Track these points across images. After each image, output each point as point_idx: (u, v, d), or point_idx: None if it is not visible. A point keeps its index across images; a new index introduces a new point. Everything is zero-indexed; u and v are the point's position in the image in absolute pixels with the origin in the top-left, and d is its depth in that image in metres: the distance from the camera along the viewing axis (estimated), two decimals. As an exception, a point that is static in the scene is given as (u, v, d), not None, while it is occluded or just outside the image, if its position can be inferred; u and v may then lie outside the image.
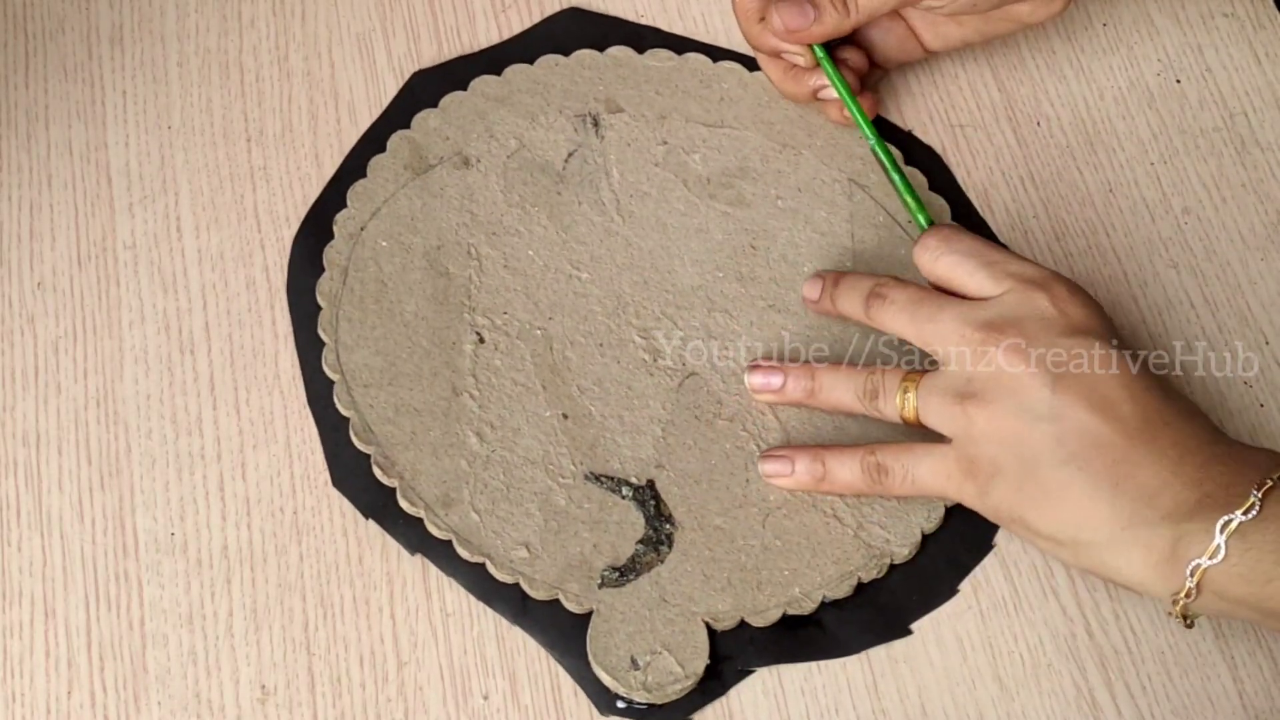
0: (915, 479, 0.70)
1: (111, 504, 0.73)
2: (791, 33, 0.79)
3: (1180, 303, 0.79)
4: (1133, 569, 0.66)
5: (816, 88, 0.81)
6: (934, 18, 0.81)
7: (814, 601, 0.71)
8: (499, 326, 0.77)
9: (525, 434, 0.74)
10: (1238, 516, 0.64)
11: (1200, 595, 0.65)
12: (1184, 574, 0.65)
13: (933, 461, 0.70)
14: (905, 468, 0.70)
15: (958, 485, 0.69)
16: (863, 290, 0.73)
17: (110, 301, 0.78)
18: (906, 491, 0.71)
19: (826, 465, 0.72)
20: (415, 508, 0.72)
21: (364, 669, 0.70)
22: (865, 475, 0.71)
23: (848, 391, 0.73)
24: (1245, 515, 0.64)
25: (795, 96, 0.82)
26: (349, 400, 0.75)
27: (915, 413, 0.70)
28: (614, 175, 0.81)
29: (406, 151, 0.81)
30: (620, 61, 0.85)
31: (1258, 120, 0.84)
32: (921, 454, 0.70)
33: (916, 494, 0.71)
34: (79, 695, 0.69)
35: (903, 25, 0.82)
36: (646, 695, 0.69)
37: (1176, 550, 0.65)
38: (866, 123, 0.80)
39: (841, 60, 0.80)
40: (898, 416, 0.71)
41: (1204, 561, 0.64)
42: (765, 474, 0.73)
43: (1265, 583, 0.64)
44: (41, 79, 0.84)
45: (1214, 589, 0.65)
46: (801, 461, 0.72)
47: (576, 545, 0.72)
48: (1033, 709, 0.70)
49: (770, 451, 0.73)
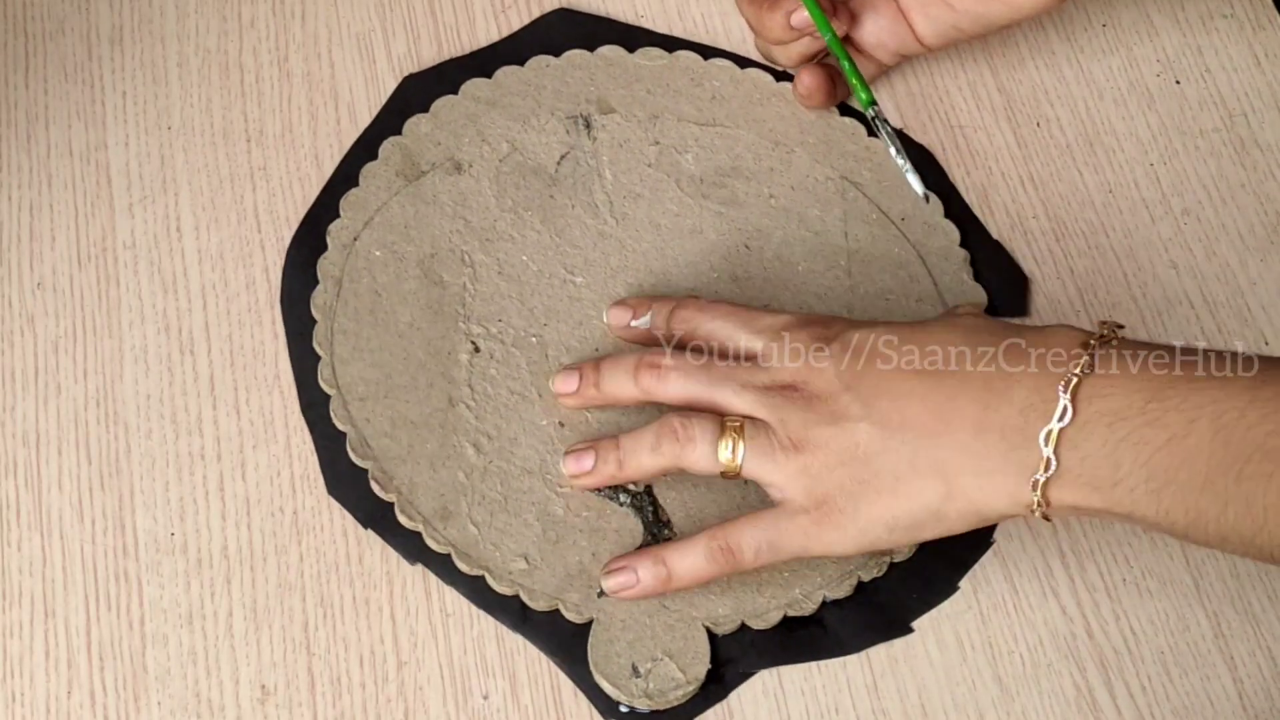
0: (771, 546, 0.67)
1: (111, 504, 0.73)
2: None
3: (1180, 303, 0.79)
4: (999, 501, 0.65)
5: (789, 10, 0.80)
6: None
7: (814, 602, 0.71)
8: (494, 335, 0.77)
9: (522, 443, 0.74)
10: (1055, 425, 0.63)
11: (1052, 507, 0.64)
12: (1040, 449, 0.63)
13: (784, 523, 0.67)
14: (756, 540, 0.67)
15: (818, 535, 0.67)
16: (627, 366, 0.72)
17: (110, 302, 0.78)
18: (763, 563, 0.68)
19: (669, 565, 0.69)
20: (414, 522, 0.72)
21: (364, 669, 0.70)
22: (712, 561, 0.68)
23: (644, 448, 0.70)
24: (1061, 422, 0.63)
25: (770, 30, 0.81)
26: (345, 415, 0.74)
27: (739, 466, 0.68)
28: (607, 177, 0.81)
29: (398, 158, 0.81)
30: (611, 61, 0.85)
31: (1257, 121, 0.84)
32: (770, 519, 0.68)
33: (774, 561, 0.68)
34: (79, 695, 0.69)
35: (893, 6, 0.81)
36: (648, 702, 0.69)
37: (1022, 469, 0.64)
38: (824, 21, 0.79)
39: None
40: (714, 466, 0.68)
41: (1040, 475, 0.63)
42: (609, 590, 0.70)
43: (1110, 487, 0.63)
44: (41, 79, 0.84)
45: (1062, 498, 0.64)
46: (644, 567, 0.69)
47: (575, 554, 0.72)
48: (1033, 709, 0.70)
49: (610, 565, 0.70)
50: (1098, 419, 0.63)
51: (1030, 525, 0.73)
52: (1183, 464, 0.61)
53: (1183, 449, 0.61)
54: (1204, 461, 0.61)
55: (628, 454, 0.71)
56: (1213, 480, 0.61)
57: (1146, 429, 0.62)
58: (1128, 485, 0.63)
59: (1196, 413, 0.61)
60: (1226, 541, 0.62)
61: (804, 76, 0.82)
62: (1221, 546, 0.63)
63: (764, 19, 0.81)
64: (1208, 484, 0.61)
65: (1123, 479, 0.63)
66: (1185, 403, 0.62)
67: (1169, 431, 0.62)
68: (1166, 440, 0.62)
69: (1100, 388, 0.63)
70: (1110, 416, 0.63)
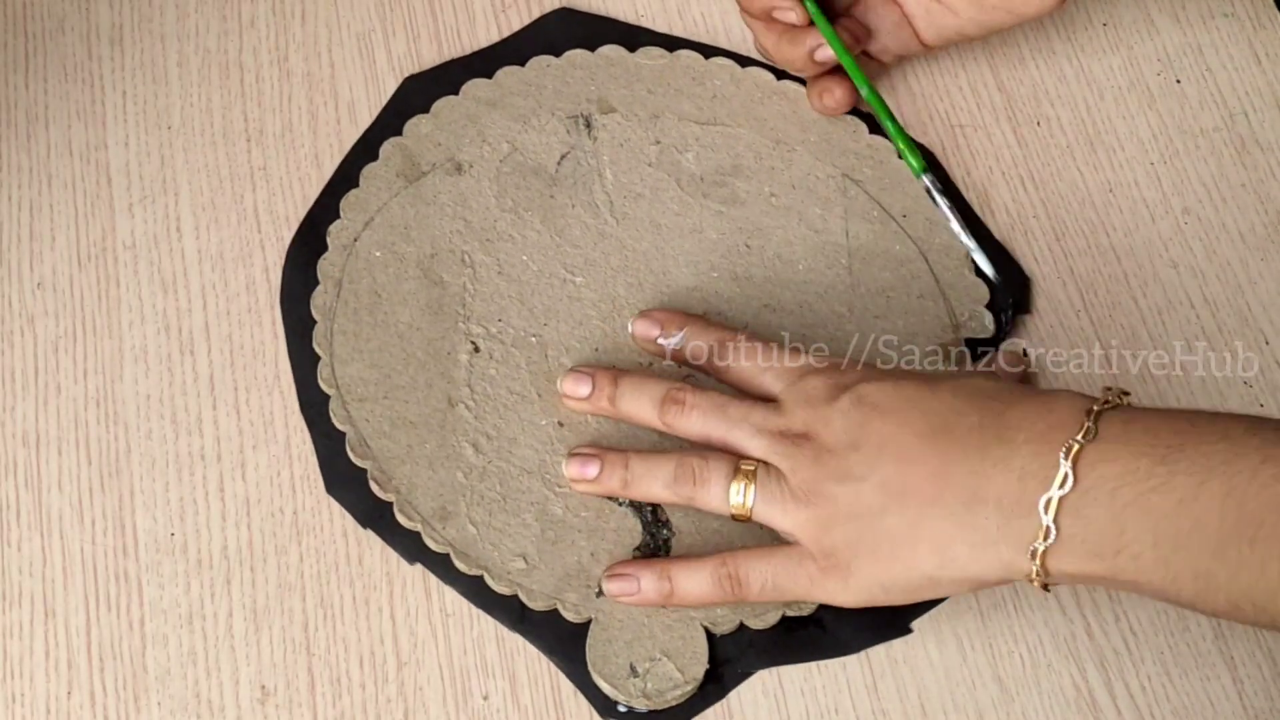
0: (776, 585, 0.68)
1: (111, 504, 0.73)
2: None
3: (1180, 302, 0.79)
4: (994, 571, 0.64)
5: (812, 48, 0.80)
6: (928, 4, 0.80)
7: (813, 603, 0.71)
8: (494, 335, 0.76)
9: (521, 443, 0.74)
10: (1055, 493, 0.62)
11: (1050, 575, 0.63)
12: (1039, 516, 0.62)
13: (792, 565, 0.68)
14: (763, 577, 0.68)
15: (822, 584, 0.67)
16: (655, 394, 0.72)
17: (110, 302, 0.78)
18: (765, 599, 0.69)
19: (674, 581, 0.69)
20: (412, 522, 0.72)
21: (364, 669, 0.70)
22: (718, 588, 0.69)
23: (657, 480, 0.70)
24: (1062, 489, 0.62)
25: (792, 62, 0.81)
26: (344, 415, 0.74)
27: (750, 510, 0.69)
28: (607, 176, 0.81)
29: (399, 159, 0.81)
30: (612, 61, 0.84)
31: (1258, 120, 0.84)
32: (780, 559, 0.68)
33: (776, 599, 0.69)
34: (79, 696, 0.69)
35: (897, 10, 0.81)
36: (646, 702, 0.69)
37: (1020, 539, 0.63)
38: (859, 73, 0.79)
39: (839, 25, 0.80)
40: (725, 508, 0.69)
41: (1039, 545, 0.62)
42: (610, 594, 0.70)
43: (1114, 555, 0.62)
44: (41, 79, 0.84)
45: (1062, 568, 0.63)
46: (647, 579, 0.70)
47: (574, 554, 0.72)
48: (1032, 709, 0.70)
49: (613, 569, 0.71)
50: (1100, 485, 0.62)
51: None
52: (1193, 529, 0.60)
53: (1192, 513, 0.60)
54: (1215, 526, 0.59)
55: (638, 478, 0.71)
56: (1224, 546, 0.59)
57: (1153, 495, 0.60)
58: (1132, 552, 0.61)
59: (1206, 475, 0.60)
60: (1238, 609, 0.60)
61: (835, 90, 0.81)
62: (1231, 615, 0.61)
63: (784, 51, 0.81)
64: (1219, 549, 0.59)
65: (1127, 545, 0.61)
66: (1194, 465, 0.60)
67: (1177, 495, 0.60)
68: (1175, 504, 0.60)
69: (1104, 453, 0.62)
70: (1114, 482, 0.61)
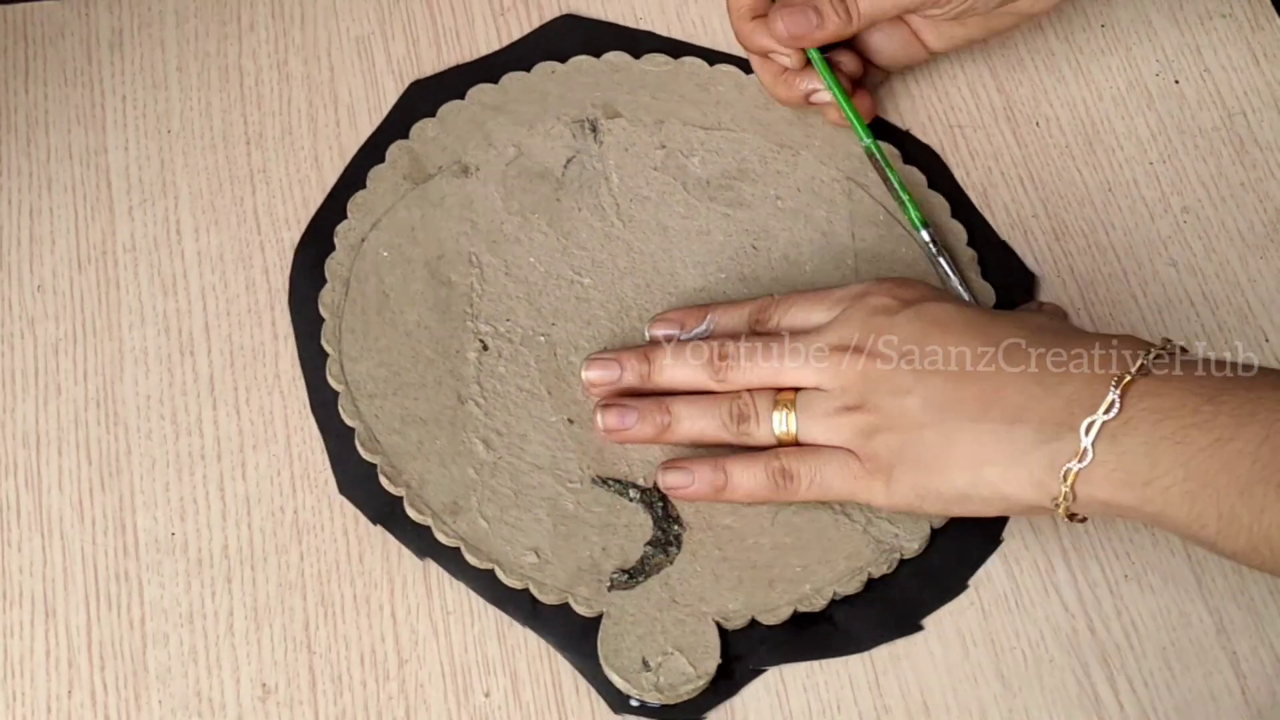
0: (823, 482, 0.70)
1: (112, 504, 0.73)
2: (795, 38, 0.79)
3: (1180, 301, 0.79)
4: (1024, 490, 0.66)
5: (808, 91, 0.81)
6: (936, 20, 0.80)
7: (825, 598, 0.71)
8: (502, 333, 0.77)
9: (532, 440, 0.74)
10: (1099, 417, 0.63)
11: (1078, 500, 0.65)
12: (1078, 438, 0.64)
13: (839, 464, 0.70)
14: (812, 472, 0.70)
15: (866, 484, 0.69)
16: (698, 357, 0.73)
17: (110, 304, 0.78)
18: (813, 496, 0.71)
19: (729, 473, 0.71)
20: (423, 516, 0.72)
21: (365, 667, 0.70)
22: (770, 481, 0.70)
23: (712, 420, 0.72)
24: (1107, 415, 0.63)
25: (787, 100, 0.82)
26: (354, 411, 0.74)
27: (795, 433, 0.71)
28: (613, 180, 0.81)
29: (406, 161, 0.81)
30: (616, 67, 0.85)
31: (1256, 120, 0.84)
32: (828, 457, 0.70)
33: (822, 497, 0.71)
34: (80, 695, 0.69)
35: (905, 29, 0.82)
36: (658, 696, 0.69)
37: (1055, 460, 0.64)
38: (861, 123, 0.80)
39: (835, 63, 0.81)
40: (772, 438, 0.71)
41: (1074, 465, 0.64)
42: (665, 486, 0.72)
43: (1143, 485, 0.63)
44: (41, 84, 0.84)
45: (1091, 493, 0.64)
46: (702, 471, 0.71)
47: (585, 549, 0.72)
48: (1035, 705, 0.69)
49: (671, 462, 0.72)
50: (1144, 415, 0.63)
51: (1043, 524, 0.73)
52: (1224, 467, 0.61)
53: (1226, 452, 0.61)
54: (1246, 467, 0.61)
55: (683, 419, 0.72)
56: (1251, 486, 0.61)
57: (1193, 430, 0.62)
58: (1162, 484, 0.63)
59: (1249, 418, 0.61)
60: (1256, 552, 0.62)
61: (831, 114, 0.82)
62: (1250, 559, 0.62)
63: (780, 91, 0.82)
64: (1246, 490, 0.61)
65: (1158, 477, 0.63)
66: (1239, 408, 0.62)
67: (1215, 434, 0.62)
68: (1212, 442, 0.62)
69: (1153, 387, 0.64)
70: (1158, 414, 0.63)
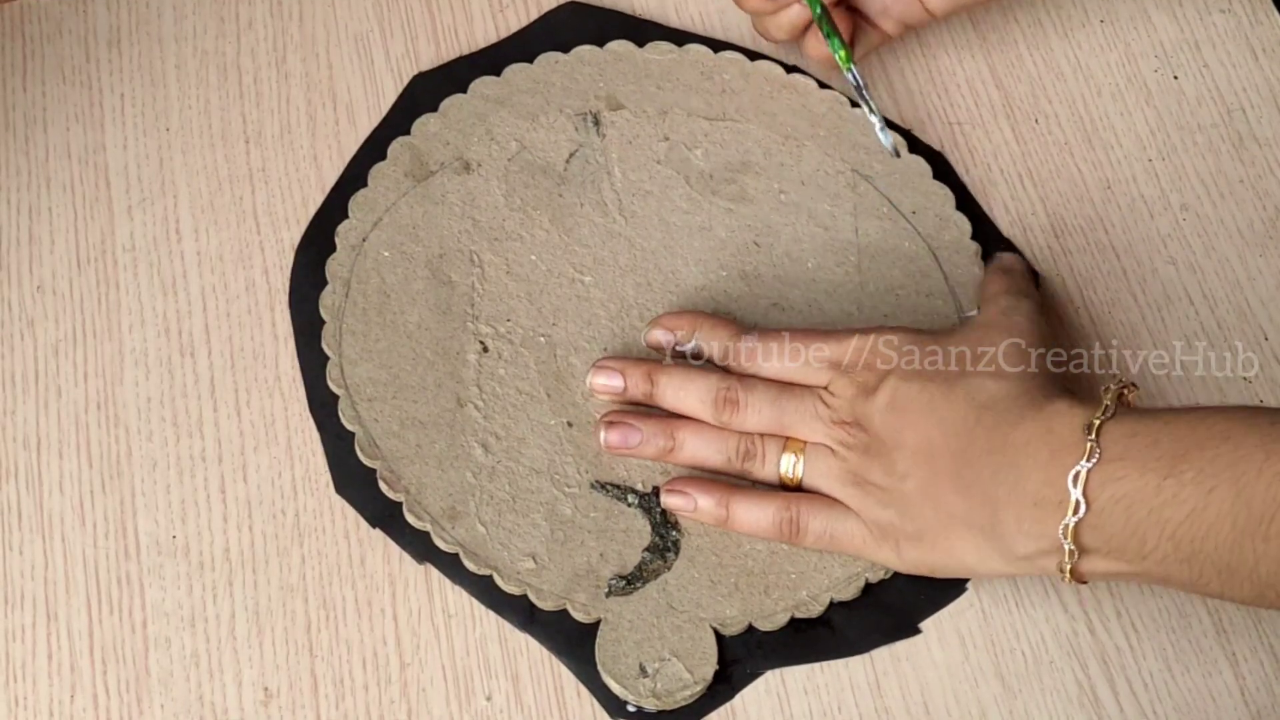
0: (832, 538, 0.71)
1: (113, 507, 0.73)
2: None
3: (1179, 299, 0.79)
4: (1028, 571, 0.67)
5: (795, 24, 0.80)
6: None
7: (822, 604, 0.71)
8: (502, 334, 0.76)
9: (530, 443, 0.74)
10: (1070, 519, 0.63)
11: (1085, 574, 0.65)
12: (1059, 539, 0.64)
13: (851, 525, 0.70)
14: (822, 527, 0.70)
15: (875, 549, 0.70)
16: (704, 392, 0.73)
17: (110, 304, 0.78)
18: (819, 547, 0.71)
19: (732, 511, 0.71)
20: (422, 522, 0.72)
21: (367, 671, 0.70)
22: (775, 528, 0.71)
23: (717, 453, 0.72)
24: (1076, 515, 0.63)
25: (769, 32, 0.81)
26: (354, 415, 0.74)
27: (800, 479, 0.71)
28: (616, 174, 0.81)
29: (407, 158, 0.81)
30: (620, 56, 0.84)
31: (1255, 116, 0.84)
32: (840, 515, 0.70)
33: (826, 549, 0.71)
34: (81, 699, 0.69)
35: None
36: (656, 702, 0.69)
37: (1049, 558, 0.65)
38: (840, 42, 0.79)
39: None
40: (776, 478, 0.72)
41: (1067, 563, 0.64)
42: (667, 506, 0.72)
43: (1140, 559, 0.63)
44: (39, 82, 0.84)
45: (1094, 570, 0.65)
46: (706, 502, 0.72)
47: (583, 555, 0.72)
48: (1035, 706, 0.70)
49: (675, 485, 0.72)
50: (1112, 505, 0.63)
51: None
52: (1207, 534, 0.61)
53: (1204, 520, 0.61)
54: (1228, 529, 0.61)
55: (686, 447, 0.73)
56: (1240, 544, 0.61)
57: (1165, 509, 0.62)
58: (1156, 557, 0.63)
59: (1214, 481, 0.61)
60: (1263, 597, 0.62)
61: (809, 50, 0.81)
62: (1259, 602, 0.63)
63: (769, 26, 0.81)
64: (1235, 548, 0.61)
65: (1150, 552, 0.63)
66: (1201, 474, 0.61)
67: (1188, 506, 0.61)
68: (1187, 515, 0.62)
69: (1111, 473, 0.63)
70: (1126, 501, 0.63)
